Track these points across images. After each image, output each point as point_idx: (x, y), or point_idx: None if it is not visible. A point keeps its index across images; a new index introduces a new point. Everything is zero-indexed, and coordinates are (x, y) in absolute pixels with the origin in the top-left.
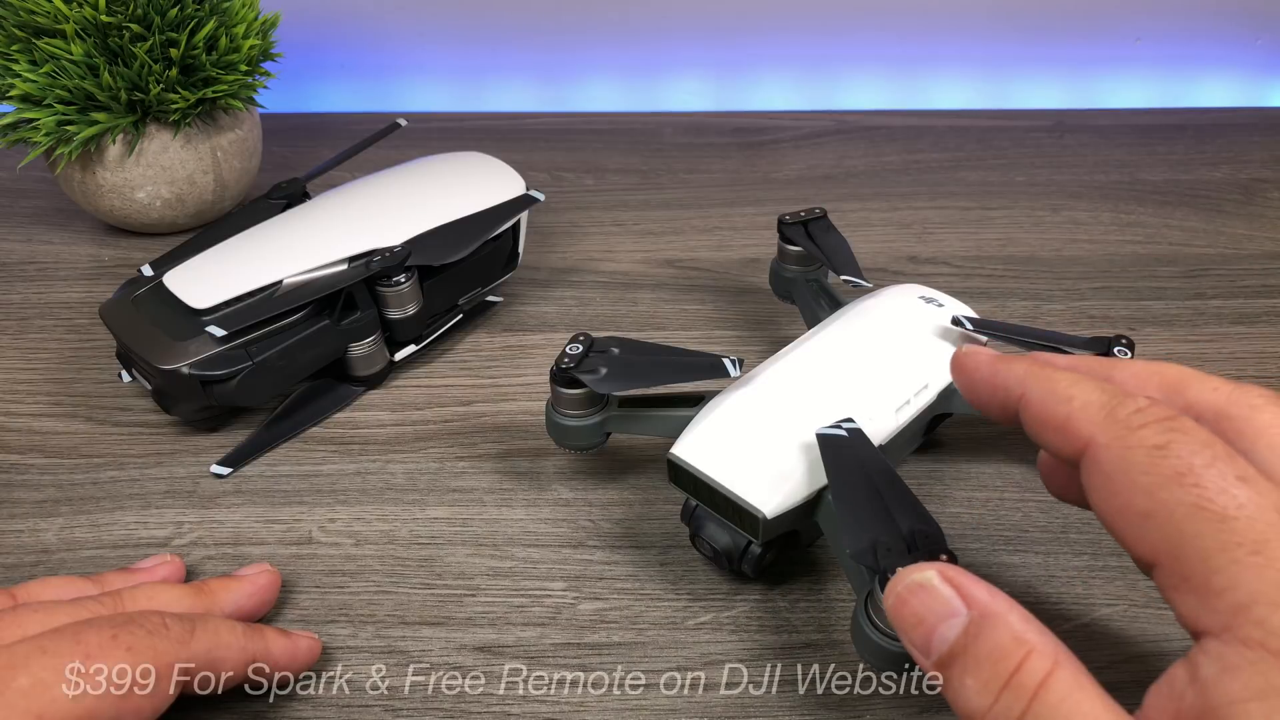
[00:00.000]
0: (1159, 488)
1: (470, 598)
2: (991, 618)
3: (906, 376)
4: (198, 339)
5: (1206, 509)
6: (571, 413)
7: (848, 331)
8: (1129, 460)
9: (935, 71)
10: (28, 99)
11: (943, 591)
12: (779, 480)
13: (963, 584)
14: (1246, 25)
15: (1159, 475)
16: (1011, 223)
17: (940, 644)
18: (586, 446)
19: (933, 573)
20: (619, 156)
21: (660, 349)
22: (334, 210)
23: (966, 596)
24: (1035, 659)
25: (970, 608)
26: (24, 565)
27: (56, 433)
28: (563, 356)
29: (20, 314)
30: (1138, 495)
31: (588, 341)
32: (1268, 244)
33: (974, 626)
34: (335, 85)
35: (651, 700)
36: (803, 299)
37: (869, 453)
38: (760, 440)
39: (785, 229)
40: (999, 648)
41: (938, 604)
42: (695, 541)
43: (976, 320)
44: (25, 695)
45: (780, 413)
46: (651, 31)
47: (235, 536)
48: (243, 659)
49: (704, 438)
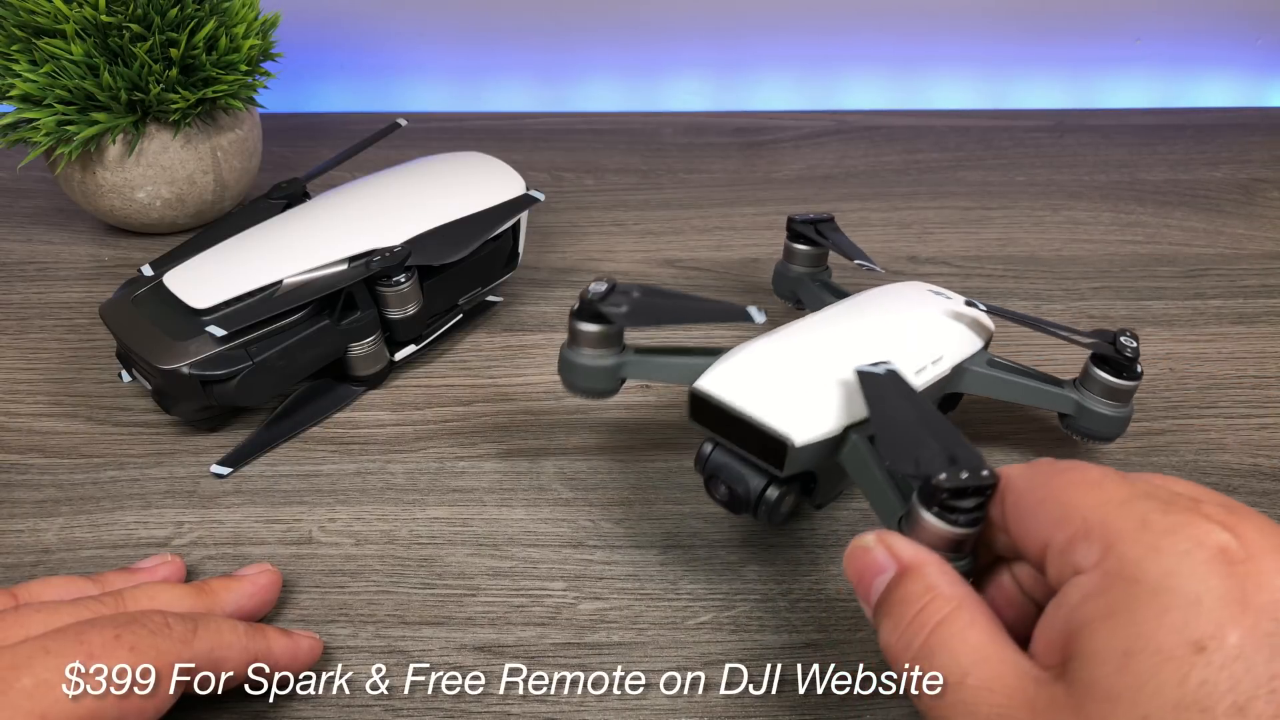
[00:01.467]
0: (1053, 477)
1: (470, 598)
2: (911, 571)
3: (924, 345)
4: (198, 339)
5: (1084, 482)
6: (588, 351)
7: (866, 303)
8: (1032, 479)
9: (935, 71)
10: (28, 99)
11: (876, 551)
12: (807, 411)
13: (893, 544)
14: (1246, 25)
15: (1054, 474)
16: (1011, 223)
17: (874, 594)
18: (599, 390)
19: (872, 537)
20: (619, 156)
21: (682, 295)
22: (334, 210)
23: (895, 554)
24: (938, 602)
25: (897, 564)
26: (24, 565)
27: (56, 433)
28: (586, 292)
29: (20, 314)
30: (1036, 491)
31: (611, 282)
32: (1268, 244)
33: (896, 578)
34: (335, 85)
35: (651, 700)
36: (810, 295)
37: (907, 389)
38: (788, 376)
39: (796, 226)
40: (911, 594)
41: (873, 561)
42: (709, 485)
43: (990, 306)
44: (29, 695)
45: (808, 354)
46: (651, 31)
47: (235, 536)
48: (244, 659)
49: (731, 372)
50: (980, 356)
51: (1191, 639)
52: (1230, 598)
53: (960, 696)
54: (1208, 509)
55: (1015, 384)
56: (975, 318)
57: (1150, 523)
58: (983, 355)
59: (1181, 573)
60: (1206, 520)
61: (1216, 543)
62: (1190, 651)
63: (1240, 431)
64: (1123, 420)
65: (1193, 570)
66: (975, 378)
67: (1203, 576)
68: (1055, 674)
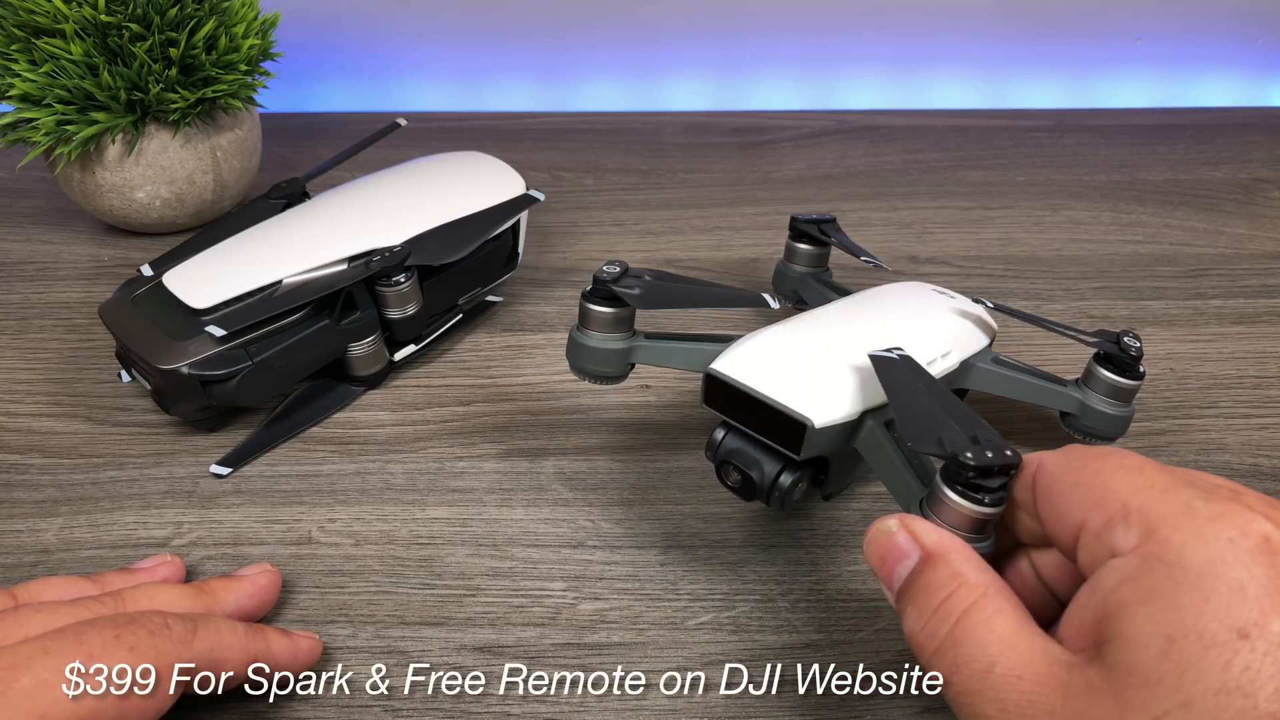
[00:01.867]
0: (1089, 461)
1: (470, 598)
2: (935, 557)
3: (933, 338)
4: (197, 339)
5: (1125, 467)
6: (599, 334)
7: (872, 299)
8: (1066, 463)
9: (935, 71)
10: (27, 99)
11: (899, 536)
12: (825, 393)
13: (917, 529)
14: (1246, 25)
15: (1091, 459)
16: (1011, 223)
17: (897, 581)
18: (608, 375)
19: (894, 521)
20: (619, 156)
21: (695, 280)
22: (334, 210)
23: (919, 540)
24: (964, 590)
25: (921, 550)
26: (24, 565)
27: (56, 433)
28: (599, 273)
29: (20, 314)
30: (1071, 474)
31: (624, 266)
32: (1268, 244)
33: (920, 564)
34: (335, 85)
35: (651, 700)
36: (812, 294)
37: (921, 372)
38: (805, 359)
39: (800, 225)
40: (936, 581)
41: (895, 547)
42: (721, 471)
43: (996, 305)
44: (28, 696)
45: (822, 341)
46: (651, 31)
47: (235, 536)
48: (244, 659)
49: (747, 355)
50: (986, 354)
51: (1235, 625)
52: (1274, 586)
53: (988, 684)
54: (1249, 499)
55: (1020, 382)
56: (980, 316)
57: (1194, 509)
58: (988, 353)
59: (1225, 560)
60: (1249, 510)
61: (1260, 532)
62: (1234, 637)
63: (1240, 431)
64: (1124, 420)
65: (1237, 558)
66: (981, 374)
67: (1246, 564)
68: (1088, 657)
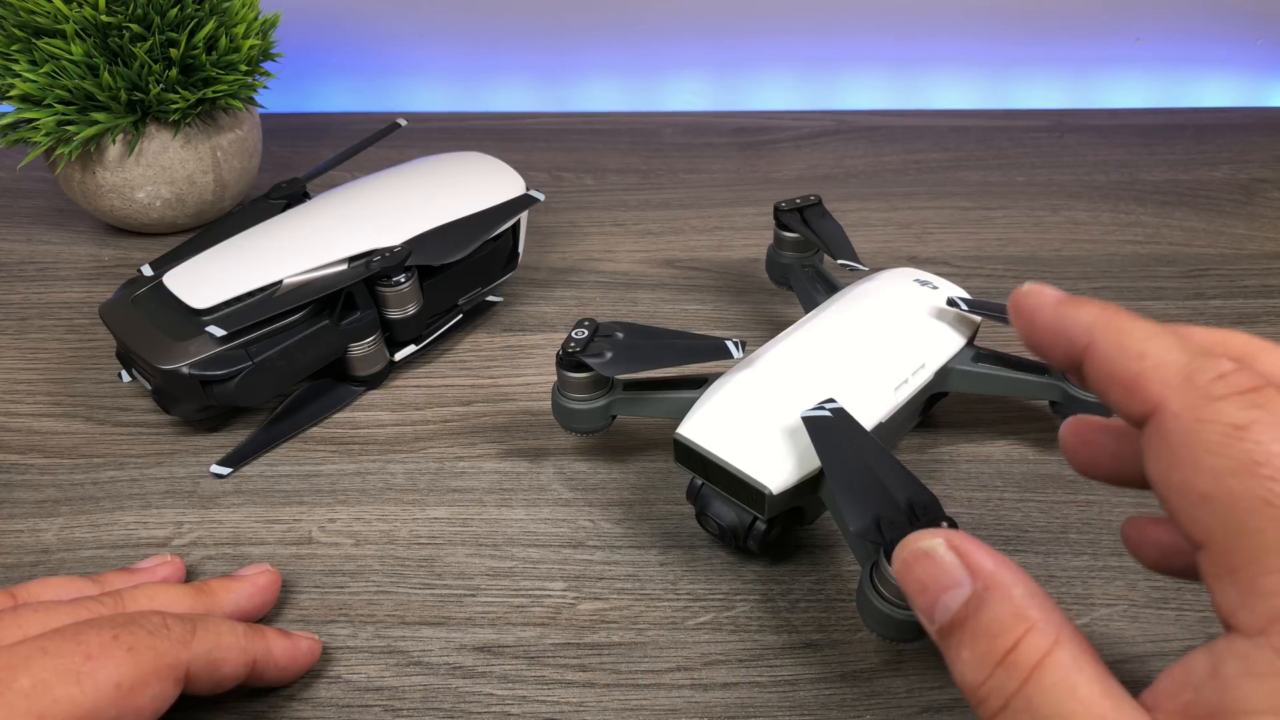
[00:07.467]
0: (1229, 474)
1: (470, 598)
2: (994, 590)
3: (904, 356)
4: (198, 339)
5: (1275, 505)
6: (577, 396)
7: (846, 314)
8: (1200, 437)
9: (935, 71)
10: (28, 99)
11: (947, 560)
12: (783, 457)
13: (969, 552)
14: (1246, 25)
15: (1231, 460)
16: (1011, 223)
17: (943, 613)
18: (592, 429)
19: (940, 540)
20: (619, 156)
21: (664, 333)
22: (334, 210)
23: (972, 566)
24: (1034, 636)
25: (975, 578)
26: (24, 565)
27: (56, 433)
28: (569, 341)
29: (20, 314)
30: (1202, 476)
31: (593, 326)
32: (1268, 244)
33: (976, 599)
34: (335, 85)
35: (651, 700)
36: (799, 284)
37: (855, 430)
38: (763, 419)
39: (781, 215)
40: (998, 622)
41: (942, 573)
42: (701, 519)
43: (971, 300)
44: (26, 696)
45: (782, 392)
46: (651, 31)
47: (235, 536)
48: (243, 659)
49: (709, 417)
50: (965, 354)
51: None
52: None
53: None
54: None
55: (1000, 378)
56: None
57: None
58: (967, 352)
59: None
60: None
61: None
62: None
63: None
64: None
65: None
66: (960, 376)
67: None
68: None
